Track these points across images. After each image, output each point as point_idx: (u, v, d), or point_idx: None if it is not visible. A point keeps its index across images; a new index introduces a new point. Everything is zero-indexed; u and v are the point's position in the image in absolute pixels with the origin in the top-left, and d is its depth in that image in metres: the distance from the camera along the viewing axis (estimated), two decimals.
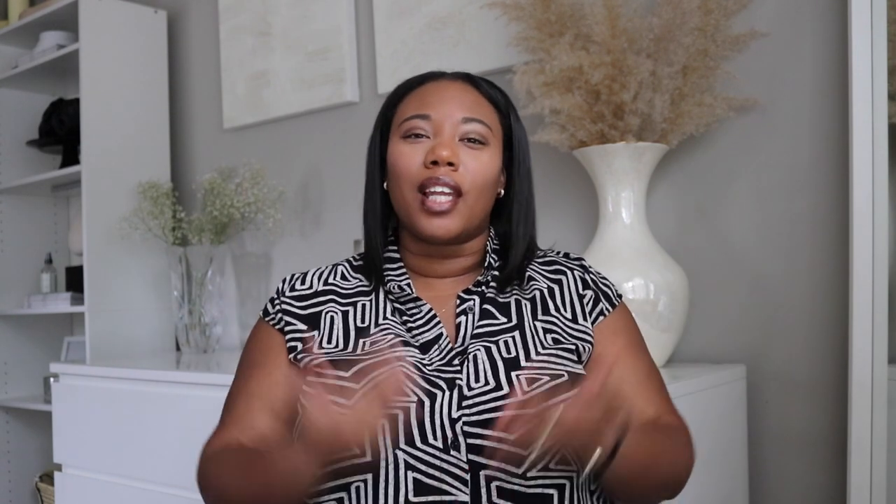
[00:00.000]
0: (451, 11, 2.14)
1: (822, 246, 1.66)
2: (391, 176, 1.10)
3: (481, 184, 1.08)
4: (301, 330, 1.10)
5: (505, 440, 0.96)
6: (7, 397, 3.02)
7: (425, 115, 1.08)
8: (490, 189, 1.10)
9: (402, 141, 1.09)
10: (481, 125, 1.09)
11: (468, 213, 1.07)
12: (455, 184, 1.05)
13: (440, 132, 1.07)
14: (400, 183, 1.08)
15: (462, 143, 1.08)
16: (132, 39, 2.74)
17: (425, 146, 1.07)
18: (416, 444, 0.98)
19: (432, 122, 1.08)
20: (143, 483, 1.93)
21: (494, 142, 1.10)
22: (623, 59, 1.63)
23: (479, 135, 1.08)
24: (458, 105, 1.09)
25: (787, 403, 1.71)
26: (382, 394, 0.89)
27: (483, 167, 1.08)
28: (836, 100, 1.63)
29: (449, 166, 1.05)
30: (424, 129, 1.08)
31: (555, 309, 1.11)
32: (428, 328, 1.08)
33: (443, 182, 1.05)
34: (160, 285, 2.75)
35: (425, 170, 1.06)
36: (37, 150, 3.05)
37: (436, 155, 1.05)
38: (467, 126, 1.08)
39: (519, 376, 1.02)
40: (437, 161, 1.05)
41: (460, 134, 1.08)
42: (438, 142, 1.07)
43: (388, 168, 1.11)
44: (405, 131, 1.09)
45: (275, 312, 1.13)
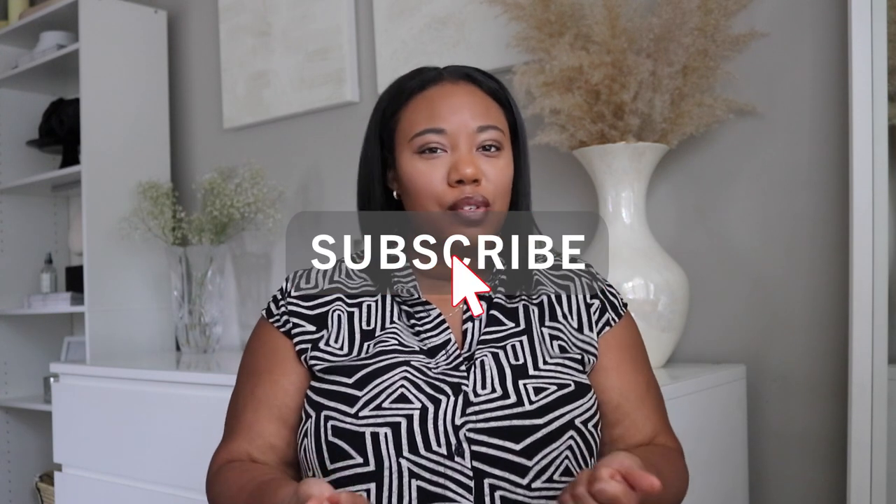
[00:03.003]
0: (451, 11, 2.14)
1: (822, 246, 1.66)
2: (409, 193, 1.08)
3: (504, 189, 1.07)
4: (310, 331, 1.09)
5: (510, 450, 0.96)
6: (7, 397, 3.02)
7: (439, 129, 1.06)
8: (510, 190, 1.10)
9: (418, 157, 1.06)
10: (496, 131, 1.07)
11: (497, 221, 1.07)
12: (483, 199, 1.04)
13: (457, 146, 1.05)
14: (422, 200, 1.06)
15: (479, 151, 1.06)
16: (132, 39, 2.74)
17: (444, 161, 1.05)
18: (419, 451, 0.97)
19: (447, 135, 1.06)
20: (143, 483, 1.93)
21: (506, 142, 1.10)
22: (623, 59, 1.63)
23: (494, 141, 1.07)
24: (469, 113, 1.07)
25: (787, 403, 1.71)
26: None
27: (503, 173, 1.07)
28: (836, 100, 1.63)
29: (473, 183, 1.04)
30: (440, 143, 1.06)
31: (562, 316, 1.11)
32: (436, 333, 1.07)
33: (473, 201, 1.04)
34: (160, 285, 2.75)
35: (450, 189, 1.04)
36: (37, 150, 3.05)
37: (461, 174, 1.03)
38: (483, 135, 1.06)
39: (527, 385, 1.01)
40: (463, 180, 1.04)
41: (477, 144, 1.06)
42: (458, 158, 1.05)
43: (401, 181, 1.09)
44: (419, 147, 1.06)
45: (280, 314, 1.11)
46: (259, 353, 1.12)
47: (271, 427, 1.07)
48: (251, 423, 1.07)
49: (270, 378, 1.08)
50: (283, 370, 1.08)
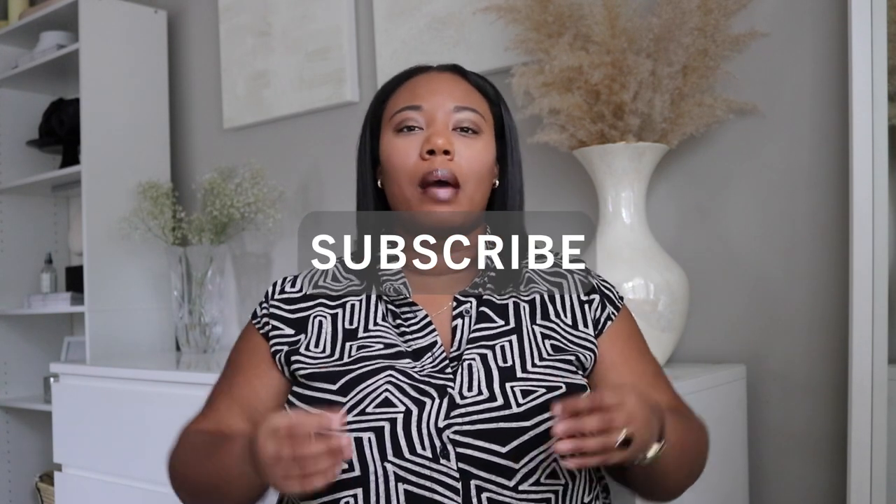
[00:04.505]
0: (451, 12, 2.14)
1: (822, 246, 1.66)
2: (387, 171, 1.09)
3: (478, 172, 1.07)
4: (287, 334, 1.10)
5: (496, 452, 0.96)
6: (7, 397, 3.02)
7: (417, 105, 1.07)
8: (487, 178, 1.09)
9: (396, 135, 1.08)
10: (474, 113, 1.08)
11: (468, 203, 1.06)
12: (452, 175, 1.04)
13: (433, 122, 1.06)
14: (397, 178, 1.06)
15: (455, 132, 1.07)
16: (132, 39, 2.73)
17: (419, 138, 1.06)
18: (403, 455, 0.96)
19: (424, 112, 1.07)
20: (143, 483, 1.93)
21: (487, 130, 1.09)
22: (623, 59, 1.63)
23: (472, 123, 1.08)
24: (448, 95, 1.08)
25: (787, 403, 1.71)
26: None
27: (478, 155, 1.07)
28: (836, 100, 1.63)
29: (445, 155, 1.04)
30: (417, 120, 1.07)
31: (555, 314, 1.10)
32: (422, 335, 1.06)
33: (441, 175, 1.04)
34: (160, 285, 2.75)
35: (422, 162, 1.04)
36: (37, 150, 3.05)
37: (431, 144, 1.04)
38: (460, 115, 1.07)
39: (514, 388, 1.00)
40: (434, 150, 1.04)
41: (453, 123, 1.07)
42: (433, 131, 1.06)
43: (382, 164, 1.10)
44: (397, 124, 1.08)
45: (261, 316, 1.14)
46: (241, 351, 1.15)
47: (240, 423, 1.09)
48: (224, 413, 1.11)
49: (245, 377, 1.11)
50: (257, 372, 1.11)
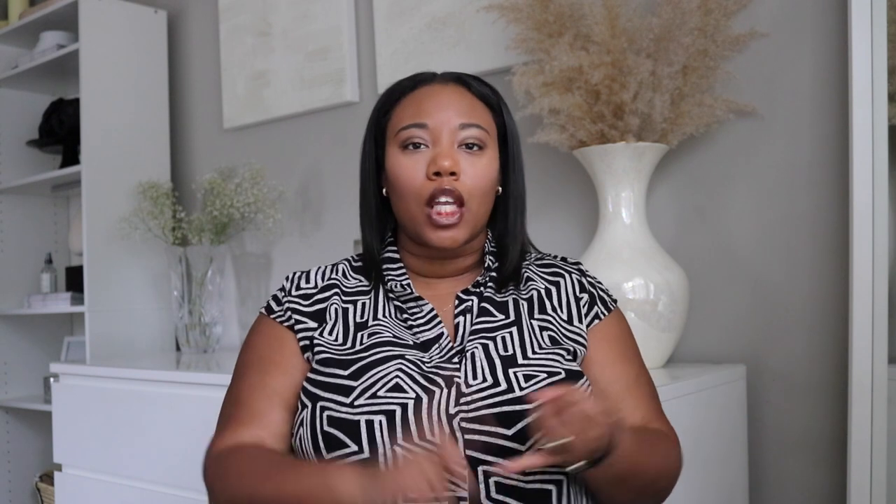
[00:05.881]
0: (450, 12, 2.14)
1: (822, 246, 1.66)
2: (393, 188, 1.10)
3: (482, 190, 1.09)
4: (311, 327, 1.11)
5: (502, 436, 0.97)
6: (7, 397, 3.02)
7: (422, 123, 1.08)
8: (490, 192, 1.11)
9: (401, 152, 1.09)
10: (478, 129, 1.09)
11: (473, 221, 1.08)
12: (458, 193, 1.06)
13: (438, 141, 1.08)
14: (404, 196, 1.08)
15: (461, 148, 1.08)
16: (132, 39, 2.74)
17: (425, 156, 1.08)
18: (413, 439, 0.98)
19: (430, 130, 1.08)
20: (143, 483, 1.93)
21: (491, 143, 1.11)
22: (623, 59, 1.63)
23: (476, 139, 1.09)
24: (454, 111, 1.09)
25: (787, 403, 1.71)
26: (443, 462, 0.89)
27: (482, 172, 1.09)
28: (836, 100, 1.63)
29: (451, 175, 1.06)
30: (422, 137, 1.08)
31: (551, 309, 1.13)
32: (429, 327, 1.09)
33: (447, 193, 1.05)
34: (160, 285, 2.75)
35: (429, 182, 1.06)
36: (37, 150, 3.05)
37: (438, 166, 1.05)
38: (465, 132, 1.08)
39: (517, 373, 1.03)
40: (440, 172, 1.05)
41: (458, 140, 1.08)
42: (438, 151, 1.07)
43: (387, 177, 1.12)
44: (403, 141, 1.09)
45: (282, 310, 1.13)
46: (264, 346, 1.13)
47: (283, 416, 1.07)
48: (263, 411, 1.07)
49: (280, 369, 1.09)
50: (289, 365, 1.10)
